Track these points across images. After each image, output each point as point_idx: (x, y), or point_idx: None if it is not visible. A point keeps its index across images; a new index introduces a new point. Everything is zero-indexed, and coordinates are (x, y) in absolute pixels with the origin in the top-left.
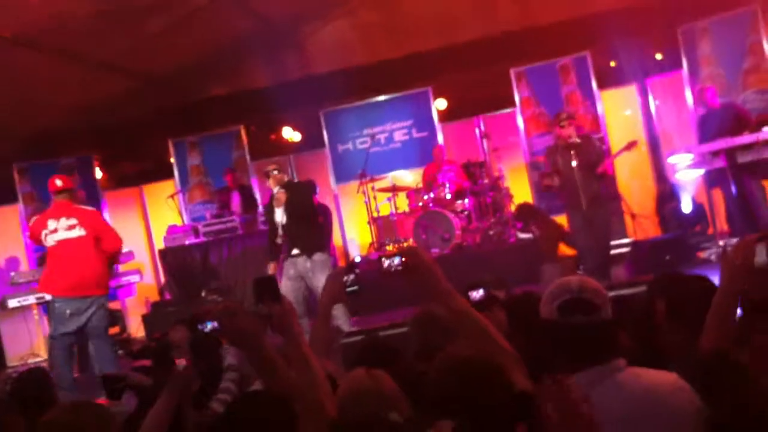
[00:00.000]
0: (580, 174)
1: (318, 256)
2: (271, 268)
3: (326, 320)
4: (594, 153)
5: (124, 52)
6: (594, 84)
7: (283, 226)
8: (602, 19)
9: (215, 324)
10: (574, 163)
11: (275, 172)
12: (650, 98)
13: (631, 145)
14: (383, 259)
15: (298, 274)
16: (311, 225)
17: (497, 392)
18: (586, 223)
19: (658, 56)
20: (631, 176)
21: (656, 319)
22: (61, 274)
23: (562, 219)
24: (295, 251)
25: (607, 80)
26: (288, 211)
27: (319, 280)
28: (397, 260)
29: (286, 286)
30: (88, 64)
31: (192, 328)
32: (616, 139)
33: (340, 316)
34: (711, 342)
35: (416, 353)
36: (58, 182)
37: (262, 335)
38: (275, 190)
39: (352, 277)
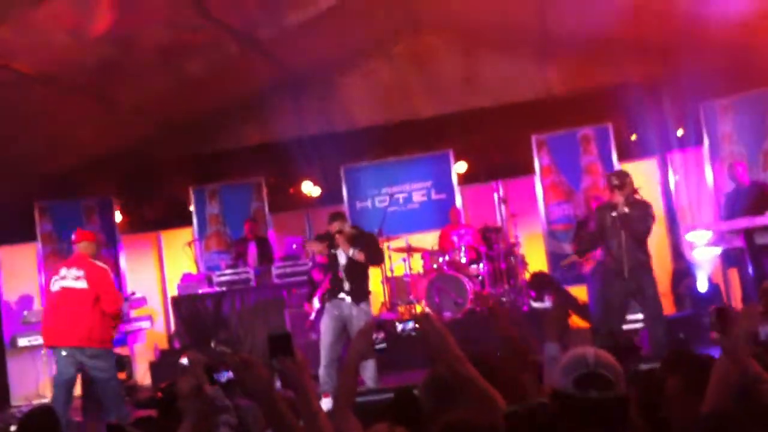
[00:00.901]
0: (627, 242)
1: (364, 305)
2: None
3: (354, 374)
4: (644, 222)
5: (149, 96)
6: (614, 156)
7: (343, 267)
8: (625, 91)
9: (231, 375)
10: (622, 232)
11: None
12: (670, 173)
13: None
14: (397, 323)
15: (342, 317)
16: (365, 274)
17: None
18: (625, 290)
19: (680, 132)
20: None
21: (667, 394)
22: (55, 322)
23: (575, 290)
24: (342, 295)
25: (628, 152)
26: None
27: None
28: (410, 325)
29: (326, 325)
30: (113, 106)
31: (208, 376)
32: None
33: (369, 371)
34: (711, 406)
35: (426, 416)
36: (73, 236)
37: (274, 389)
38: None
39: (381, 335)
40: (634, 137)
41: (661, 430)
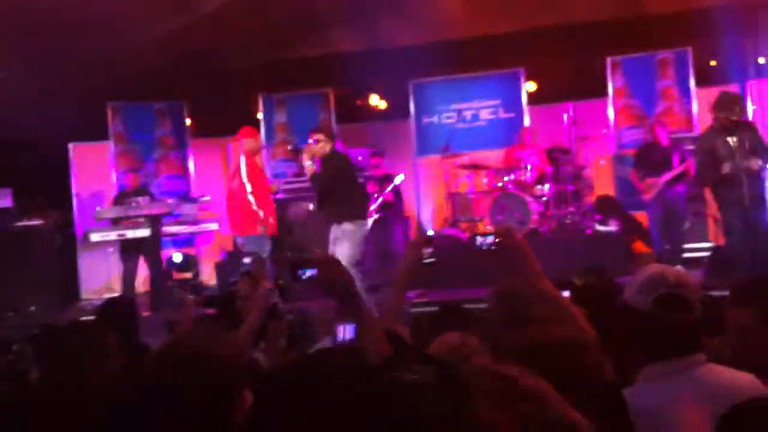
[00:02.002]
0: (745, 163)
1: (347, 225)
2: None
3: (404, 288)
4: (761, 142)
5: (225, 4)
6: (692, 81)
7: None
8: (708, 14)
9: (314, 272)
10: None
11: (314, 145)
12: (749, 101)
13: None
14: (477, 237)
15: (335, 239)
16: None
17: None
18: (745, 223)
19: (761, 60)
20: None
21: (737, 325)
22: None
23: (641, 216)
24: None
25: (706, 78)
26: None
27: (341, 247)
28: (490, 239)
29: (331, 251)
30: (189, 12)
31: (292, 273)
32: None
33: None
34: None
35: (499, 327)
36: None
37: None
38: (306, 164)
39: (430, 249)
40: (713, 63)
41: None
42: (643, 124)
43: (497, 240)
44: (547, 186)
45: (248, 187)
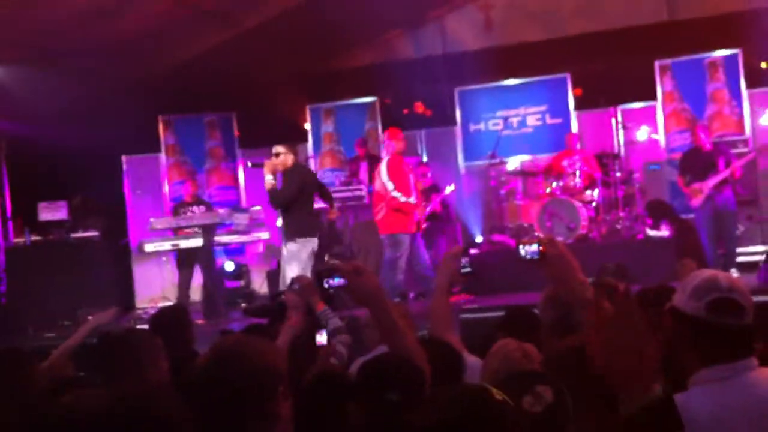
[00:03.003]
0: None
1: (290, 246)
2: None
3: (446, 296)
4: None
5: (271, 17)
6: (743, 83)
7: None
8: (757, 16)
9: (342, 281)
10: None
11: (275, 158)
12: None
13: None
14: (521, 246)
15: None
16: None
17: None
18: None
19: None
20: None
21: None
22: None
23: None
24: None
25: (756, 80)
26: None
27: (290, 269)
28: (534, 248)
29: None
30: (237, 26)
31: (318, 283)
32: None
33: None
34: None
35: (550, 330)
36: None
37: (384, 293)
38: (267, 178)
39: (466, 259)
40: (764, 65)
41: None
42: (693, 128)
43: (541, 249)
44: (596, 191)
45: (389, 186)
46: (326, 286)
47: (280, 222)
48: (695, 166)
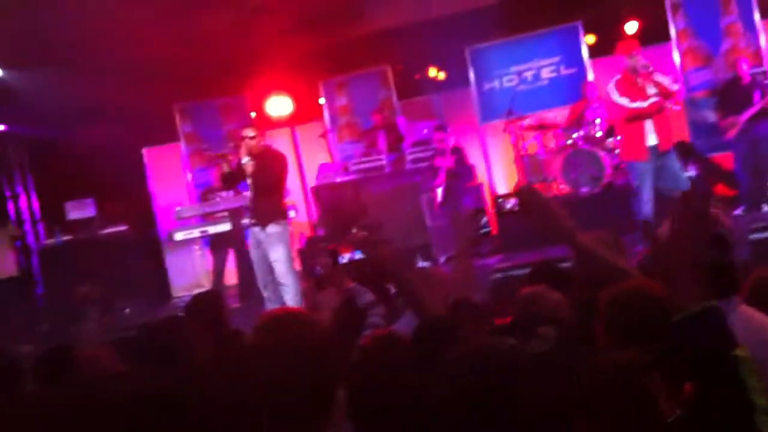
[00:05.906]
0: None
1: (272, 228)
2: None
3: (467, 259)
4: None
5: None
6: (756, 14)
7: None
8: None
9: (353, 255)
10: None
11: (251, 141)
12: None
13: None
14: (499, 200)
15: (258, 243)
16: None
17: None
18: None
19: None
20: None
21: None
22: None
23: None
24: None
25: None
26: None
27: (276, 252)
28: (512, 201)
29: (252, 255)
30: (242, 7)
31: (333, 259)
32: None
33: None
34: None
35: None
36: None
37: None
38: (244, 160)
39: (484, 220)
40: None
41: None
42: (711, 64)
43: (519, 200)
44: (618, 138)
45: (624, 101)
46: (338, 261)
47: (249, 204)
48: (732, 99)
